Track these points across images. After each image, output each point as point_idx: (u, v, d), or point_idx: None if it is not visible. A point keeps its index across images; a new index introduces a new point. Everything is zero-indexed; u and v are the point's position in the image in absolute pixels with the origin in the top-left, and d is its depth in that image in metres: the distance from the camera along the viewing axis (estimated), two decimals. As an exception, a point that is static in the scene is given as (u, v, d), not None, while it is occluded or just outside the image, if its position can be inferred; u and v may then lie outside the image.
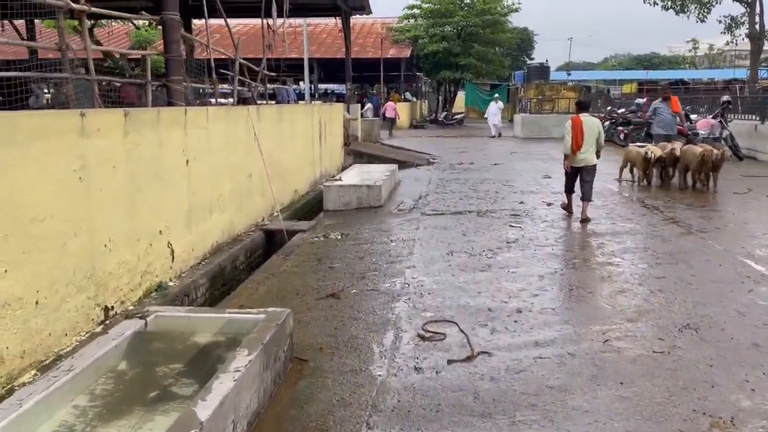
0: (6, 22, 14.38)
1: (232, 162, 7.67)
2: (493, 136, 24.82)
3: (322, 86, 54.32)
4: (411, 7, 36.11)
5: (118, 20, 22.25)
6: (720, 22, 26.27)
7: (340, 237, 7.79)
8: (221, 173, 7.32)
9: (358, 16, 18.50)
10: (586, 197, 8.24)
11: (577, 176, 8.35)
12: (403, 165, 15.37)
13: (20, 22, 14.20)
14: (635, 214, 8.66)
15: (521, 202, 9.75)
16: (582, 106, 8.70)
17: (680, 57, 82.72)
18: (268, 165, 8.93)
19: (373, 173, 12.49)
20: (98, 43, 19.44)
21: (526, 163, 15.17)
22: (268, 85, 12.27)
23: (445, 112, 37.70)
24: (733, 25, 26.03)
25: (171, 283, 5.89)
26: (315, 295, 5.42)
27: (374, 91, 42.20)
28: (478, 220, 8.37)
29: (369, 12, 18.25)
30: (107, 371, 3.32)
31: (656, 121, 13.14)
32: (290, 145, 10.49)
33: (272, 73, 11.66)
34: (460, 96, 41.87)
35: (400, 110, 33.89)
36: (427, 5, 35.04)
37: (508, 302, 4.99)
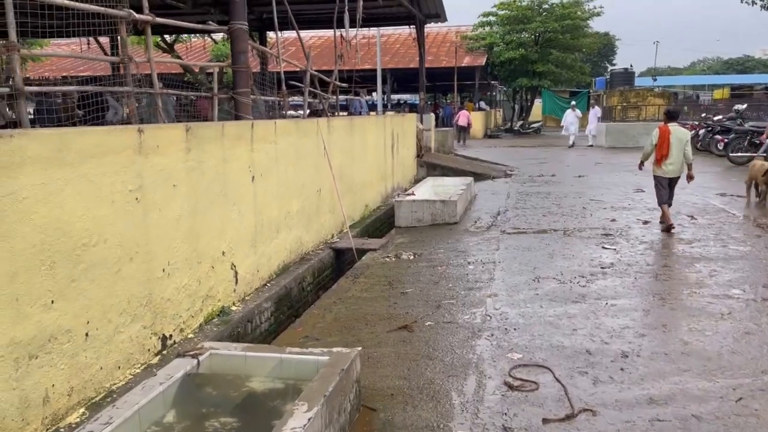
0: (92, 39, 14.88)
1: (301, 177, 7.31)
2: (572, 146, 23.62)
3: (395, 97, 54.34)
4: (486, 14, 35.33)
5: (197, 34, 22.77)
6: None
7: (412, 257, 7.25)
8: (289, 189, 6.96)
9: (432, 24, 17.94)
10: (669, 203, 8.33)
11: (667, 186, 8.19)
12: (478, 177, 14.69)
13: (104, 40, 14.60)
14: (748, 236, 7.62)
15: (613, 220, 8.87)
16: (671, 116, 8.47)
17: (777, 60, 77.38)
18: (338, 179, 8.54)
19: (448, 187, 11.89)
20: (178, 57, 19.92)
21: (614, 176, 14.10)
22: (341, 97, 11.95)
23: (522, 121, 36.53)
24: None
25: (234, 308, 5.53)
26: (386, 326, 4.89)
27: (447, 101, 41.64)
28: (565, 241, 7.60)
29: (444, 19, 17.70)
30: (151, 424, 2.91)
31: None
32: (361, 158, 10.07)
33: (344, 84, 11.30)
34: (537, 104, 40.50)
35: (474, 119, 33.17)
36: (504, 12, 34.12)
37: (610, 343, 4.27)
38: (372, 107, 31.86)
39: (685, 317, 4.75)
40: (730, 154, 15.00)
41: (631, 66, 39.61)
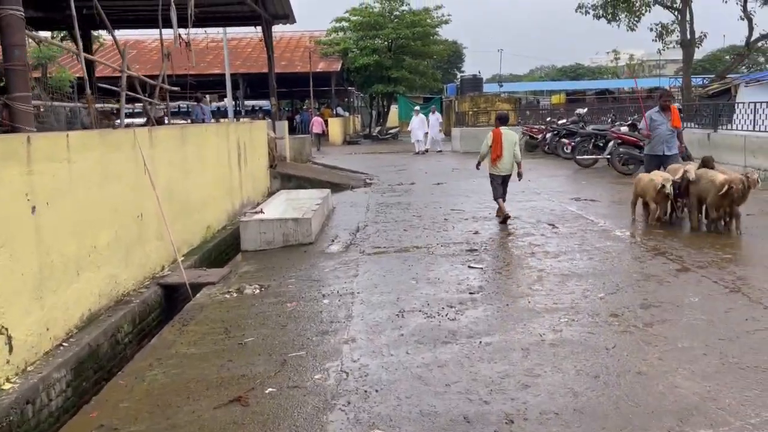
0: None
1: (112, 201, 5.89)
2: (418, 153, 23.35)
3: (250, 103, 52.27)
4: (339, 20, 34.83)
5: None
6: (651, 29, 26.13)
7: (258, 291, 6.13)
8: (95, 218, 5.53)
9: (283, 27, 16.84)
10: (504, 198, 9.22)
11: (500, 183, 9.12)
12: (337, 188, 13.83)
13: None
14: (612, 246, 7.42)
15: (476, 232, 8.36)
16: (501, 120, 9.31)
17: (603, 68, 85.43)
18: (167, 200, 7.18)
19: (303, 201, 10.87)
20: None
21: (472, 182, 13.88)
22: (182, 103, 10.48)
23: (379, 127, 36.45)
24: (664, 32, 25.95)
25: (6, 387, 4.08)
26: (214, 399, 3.76)
27: (305, 107, 40.56)
28: (429, 261, 6.89)
29: (293, 21, 16.67)
30: None
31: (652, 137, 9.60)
32: (199, 173, 8.73)
33: (175, 89, 9.85)
34: (394, 110, 40.77)
35: (332, 126, 32.49)
36: (356, 18, 33.82)
37: (491, 403, 3.48)
38: (223, 114, 29.99)
39: (568, 355, 4.12)
40: (577, 157, 15.50)
41: (479, 72, 41.26)
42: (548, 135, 19.22)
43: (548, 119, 23.05)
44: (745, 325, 4.52)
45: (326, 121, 34.12)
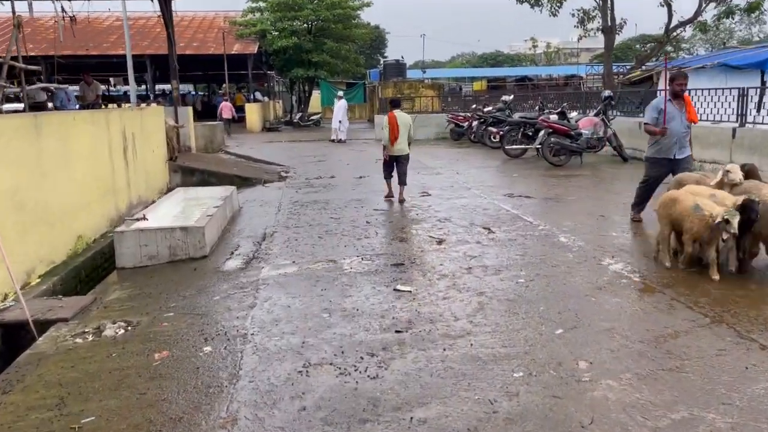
0: None
1: None
2: (333, 140, 22.14)
3: (162, 87, 49.00)
4: (255, 0, 32.71)
5: None
6: (573, 15, 25.86)
7: (121, 333, 4.68)
8: None
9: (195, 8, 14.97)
10: (401, 182, 9.61)
11: (394, 165, 9.61)
12: (247, 183, 12.33)
13: None
14: (557, 256, 6.43)
15: (402, 240, 7.19)
16: (394, 104, 9.98)
17: (522, 55, 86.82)
18: (13, 211, 5.57)
19: (203, 200, 9.35)
20: None
21: (396, 175, 12.78)
22: (38, 86, 8.65)
23: (301, 113, 34.73)
24: (586, 18, 25.74)
25: None
26: None
27: (222, 92, 38.11)
28: (345, 282, 5.63)
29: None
30: None
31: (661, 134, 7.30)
32: (64, 172, 7.06)
33: (34, 68, 8.04)
34: (316, 96, 39.09)
35: (250, 111, 30.50)
36: (273, -3, 31.90)
37: None
38: (125, 98, 27.38)
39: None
40: (506, 147, 14.66)
41: (402, 58, 40.19)
42: (474, 123, 18.38)
43: (473, 106, 22.23)
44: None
45: (241, 107, 32.15)
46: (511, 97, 19.56)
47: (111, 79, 40.34)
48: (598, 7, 25.52)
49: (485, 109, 19.59)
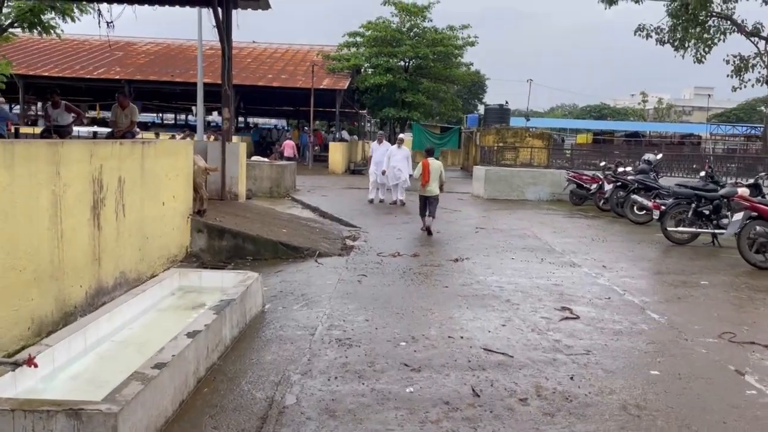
0: None
1: None
2: (372, 201, 15.37)
3: (253, 120, 47.56)
4: (352, 35, 30.21)
5: None
6: (727, 62, 21.12)
7: None
8: None
9: (250, 10, 11.96)
10: (432, 215, 10.89)
11: (426, 204, 10.83)
12: (295, 255, 8.74)
13: None
14: None
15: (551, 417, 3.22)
16: (429, 153, 11.39)
17: (629, 109, 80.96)
18: None
19: (200, 298, 5.76)
20: None
21: (510, 260, 8.76)
22: None
23: (389, 157, 31.35)
24: (743, 67, 20.93)
25: None
26: None
27: (306, 128, 35.70)
28: None
29: (265, 6, 11.81)
30: None
31: None
32: None
33: None
34: (408, 139, 35.79)
35: (333, 152, 27.31)
36: (371, 32, 29.17)
37: None
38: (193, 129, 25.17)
39: None
40: (668, 228, 10.25)
41: (507, 102, 36.23)
42: (608, 187, 14.07)
43: (602, 164, 17.87)
44: None
45: (325, 145, 29.38)
46: (659, 156, 15.16)
47: (193, 108, 38.91)
48: (759, 55, 20.79)
49: (618, 170, 15.25)
